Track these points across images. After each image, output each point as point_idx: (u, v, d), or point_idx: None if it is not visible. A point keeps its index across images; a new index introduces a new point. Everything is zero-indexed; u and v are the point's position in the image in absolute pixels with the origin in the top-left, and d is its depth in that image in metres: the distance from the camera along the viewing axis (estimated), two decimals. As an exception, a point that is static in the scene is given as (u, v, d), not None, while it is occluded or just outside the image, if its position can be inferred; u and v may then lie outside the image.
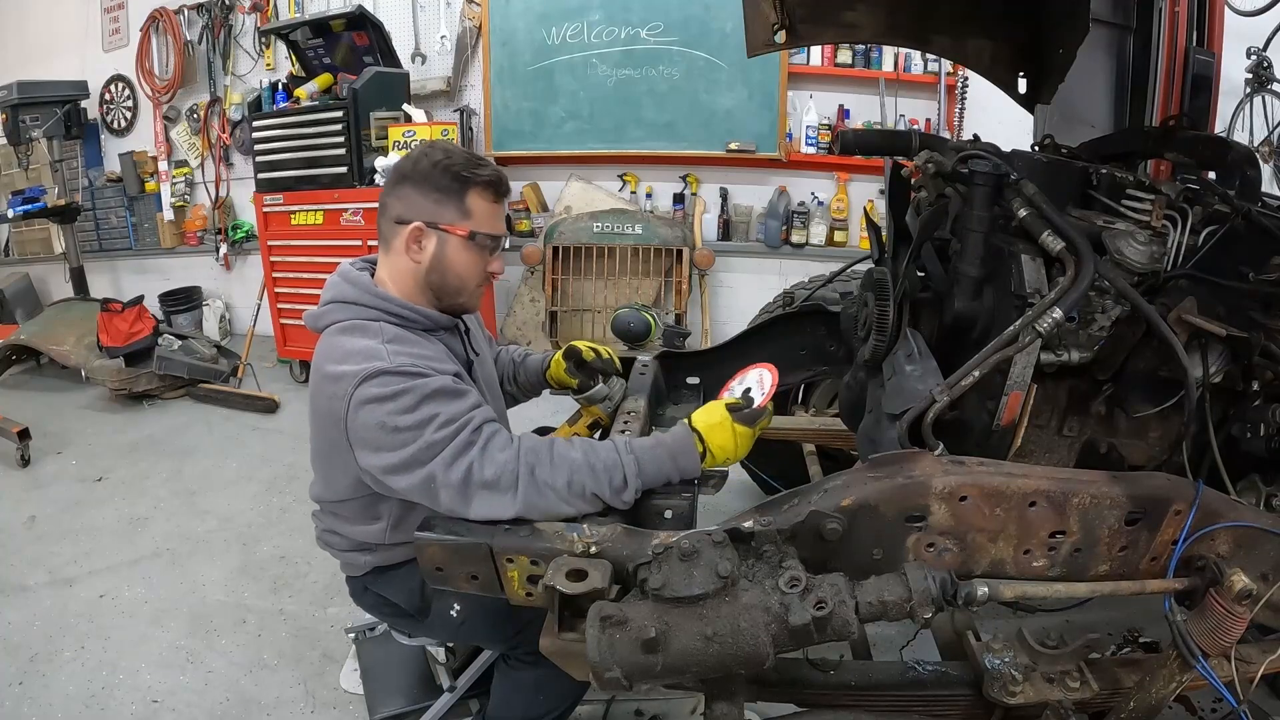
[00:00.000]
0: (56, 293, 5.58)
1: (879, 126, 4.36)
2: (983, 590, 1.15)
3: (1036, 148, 2.07)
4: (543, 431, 1.75)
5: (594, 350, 1.80)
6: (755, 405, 1.44)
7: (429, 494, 1.30)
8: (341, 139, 4.13)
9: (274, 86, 4.51)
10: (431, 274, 1.45)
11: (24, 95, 4.65)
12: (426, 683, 2.03)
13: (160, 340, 4.37)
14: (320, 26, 4.37)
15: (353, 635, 2.21)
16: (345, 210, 4.13)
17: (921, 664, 1.42)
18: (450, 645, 1.89)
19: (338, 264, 1.55)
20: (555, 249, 4.48)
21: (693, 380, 2.17)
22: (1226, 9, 2.90)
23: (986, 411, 1.43)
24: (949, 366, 1.42)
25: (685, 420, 1.42)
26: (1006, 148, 1.72)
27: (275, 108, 4.42)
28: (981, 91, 3.49)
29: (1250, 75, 3.74)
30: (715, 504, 2.00)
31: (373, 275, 1.50)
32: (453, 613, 1.57)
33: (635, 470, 1.32)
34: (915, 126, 4.31)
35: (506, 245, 1.47)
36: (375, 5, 4.68)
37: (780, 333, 2.28)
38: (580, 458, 1.32)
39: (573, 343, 1.81)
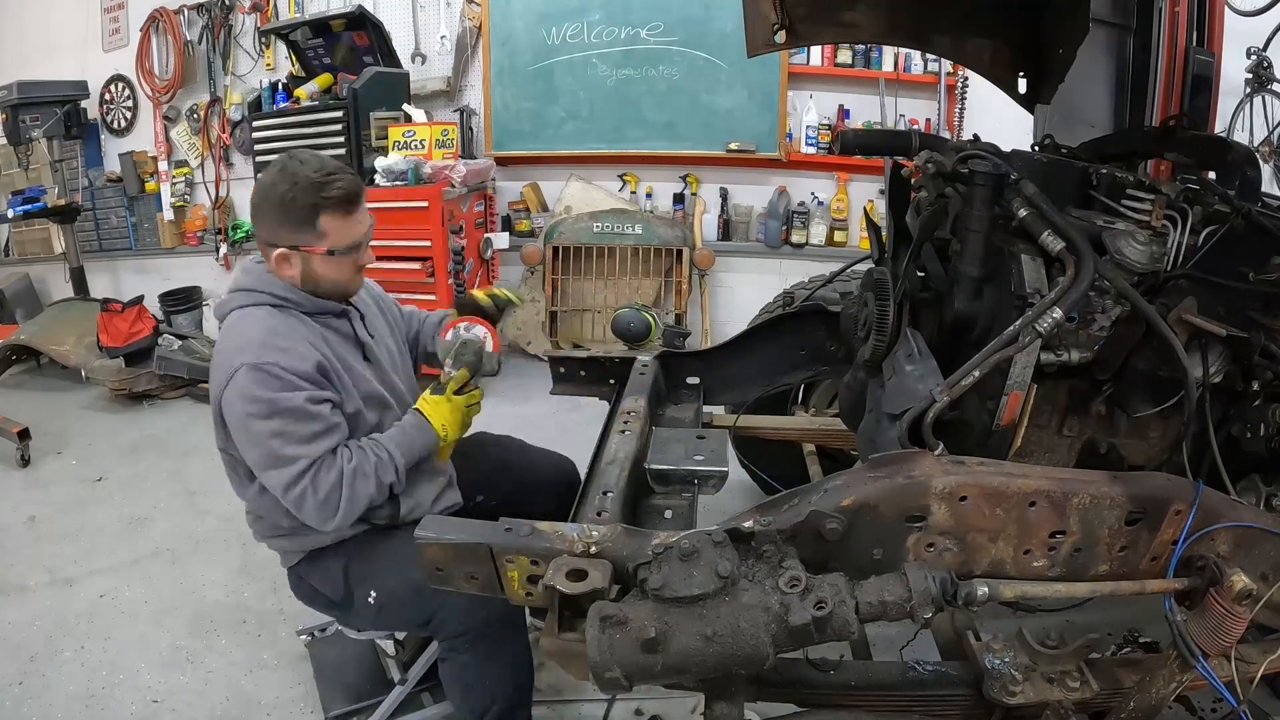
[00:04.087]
0: (56, 293, 5.57)
1: (879, 126, 4.35)
2: (983, 590, 1.15)
3: (1036, 148, 2.07)
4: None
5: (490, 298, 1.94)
6: (449, 373, 1.67)
7: (275, 495, 1.53)
8: (341, 139, 4.14)
9: (274, 86, 4.52)
10: (306, 283, 1.58)
11: (24, 95, 4.65)
12: (378, 678, 2.04)
13: (160, 340, 4.37)
14: (320, 26, 4.38)
15: (304, 637, 2.21)
16: (345, 210, 4.12)
17: (921, 664, 1.42)
18: (399, 638, 1.90)
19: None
20: (555, 249, 4.48)
21: (693, 380, 2.17)
22: (1226, 9, 2.89)
23: (986, 411, 1.43)
24: (949, 366, 1.41)
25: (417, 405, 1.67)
26: (1006, 148, 1.72)
27: (275, 108, 4.43)
28: (981, 91, 3.50)
29: (1250, 75, 3.74)
30: (715, 504, 1.99)
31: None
32: (370, 599, 1.61)
33: (402, 462, 1.58)
34: (915, 126, 4.31)
35: (370, 239, 1.63)
36: (375, 5, 4.67)
37: (780, 333, 2.28)
38: (374, 462, 1.54)
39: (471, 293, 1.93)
